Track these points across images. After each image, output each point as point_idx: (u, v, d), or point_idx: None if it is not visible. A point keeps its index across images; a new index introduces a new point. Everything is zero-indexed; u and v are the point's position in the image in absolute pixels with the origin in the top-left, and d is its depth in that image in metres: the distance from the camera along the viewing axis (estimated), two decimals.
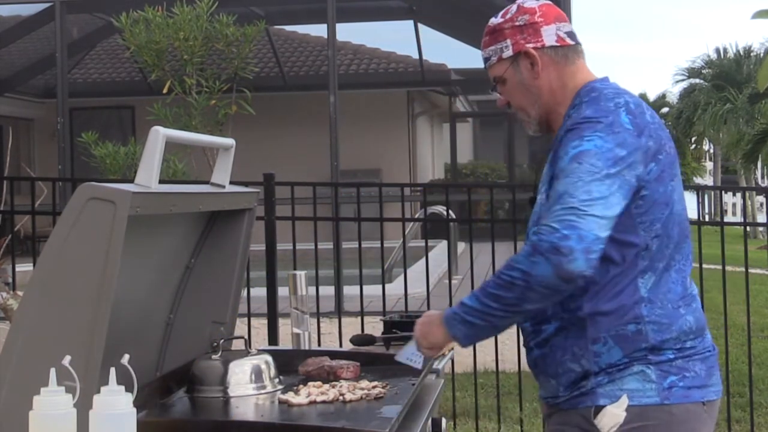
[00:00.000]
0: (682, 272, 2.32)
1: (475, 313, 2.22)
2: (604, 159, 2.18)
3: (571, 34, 2.43)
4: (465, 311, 2.25)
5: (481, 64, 2.50)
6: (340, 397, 2.42)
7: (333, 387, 2.49)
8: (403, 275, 6.19)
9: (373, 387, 2.50)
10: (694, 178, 44.78)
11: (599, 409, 2.24)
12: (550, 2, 2.46)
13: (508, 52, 2.40)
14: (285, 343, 4.55)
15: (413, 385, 2.54)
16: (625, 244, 2.24)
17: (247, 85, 7.82)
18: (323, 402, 2.40)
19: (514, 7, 2.43)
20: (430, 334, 2.36)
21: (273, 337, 5.32)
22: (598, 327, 2.25)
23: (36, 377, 1.83)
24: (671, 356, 2.26)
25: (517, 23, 2.40)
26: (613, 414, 2.22)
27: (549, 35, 2.39)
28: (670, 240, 2.28)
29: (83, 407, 1.77)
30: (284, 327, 4.45)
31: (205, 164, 7.06)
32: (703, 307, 5.92)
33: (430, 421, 2.64)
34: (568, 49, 2.41)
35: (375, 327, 3.50)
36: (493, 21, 2.45)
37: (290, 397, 2.43)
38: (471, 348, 5.90)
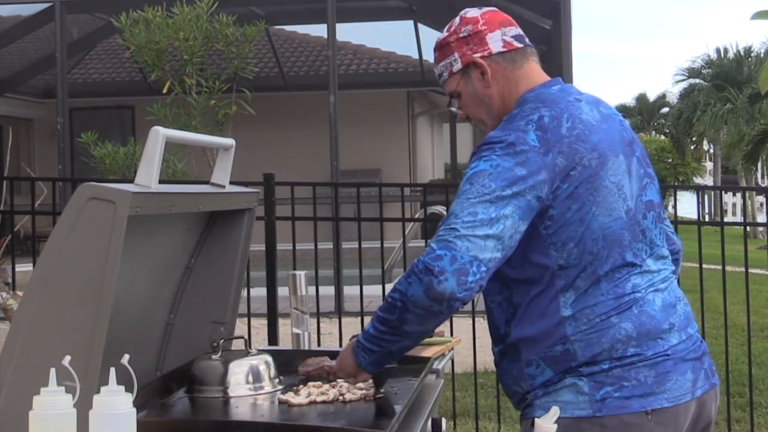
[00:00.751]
0: (615, 281, 2.22)
1: (372, 339, 2.25)
2: (498, 179, 2.13)
3: (519, 37, 2.39)
4: (365, 338, 2.27)
5: None
6: (340, 397, 2.42)
7: (333, 387, 2.49)
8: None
9: (371, 387, 2.49)
10: (694, 178, 44.78)
11: (533, 421, 2.22)
12: (494, 9, 2.43)
13: (458, 65, 2.37)
14: (285, 343, 4.55)
15: (413, 384, 2.54)
16: (538, 265, 2.20)
17: (247, 85, 7.82)
18: (323, 402, 2.40)
19: (457, 19, 2.40)
20: (345, 365, 2.38)
21: (273, 337, 5.32)
22: (529, 351, 2.23)
23: (36, 377, 1.83)
24: (605, 366, 2.19)
25: (461, 35, 2.36)
26: (543, 427, 2.19)
27: (495, 42, 2.35)
28: (592, 256, 2.20)
29: (83, 407, 1.77)
30: (284, 327, 4.45)
31: (205, 164, 7.06)
32: (702, 307, 5.92)
33: (430, 421, 2.64)
34: (516, 53, 2.37)
35: None
36: (440, 36, 2.42)
37: (290, 397, 2.43)
38: (471, 348, 5.92)
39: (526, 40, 2.41)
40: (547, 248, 2.20)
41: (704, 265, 5.71)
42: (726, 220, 20.98)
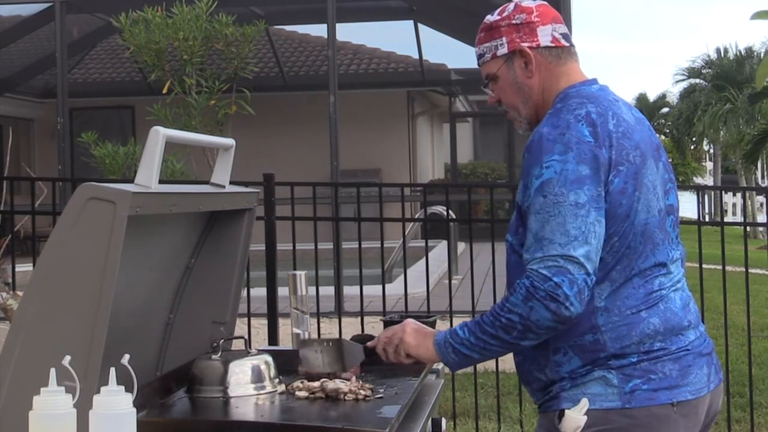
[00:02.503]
0: (645, 276, 2.28)
1: (472, 347, 2.27)
2: (569, 185, 2.18)
3: (566, 36, 2.44)
4: (459, 342, 2.29)
5: None
6: (340, 397, 2.42)
7: (333, 387, 2.49)
8: (403, 275, 6.19)
9: (361, 387, 2.48)
10: (694, 178, 44.77)
11: (562, 412, 2.26)
12: (546, 3, 2.47)
13: (503, 50, 2.40)
14: (285, 343, 4.55)
15: (413, 384, 2.54)
16: None
17: (247, 85, 7.82)
18: (323, 402, 2.40)
19: (511, 6, 2.43)
20: (422, 348, 2.39)
21: (273, 337, 5.32)
22: (557, 338, 2.26)
23: (36, 377, 1.83)
24: (634, 360, 2.24)
25: (514, 21, 2.40)
26: (573, 418, 2.23)
27: (545, 35, 2.40)
28: (630, 250, 2.26)
29: (83, 407, 1.77)
30: (284, 327, 4.45)
31: (205, 164, 7.06)
32: (702, 307, 5.92)
33: (430, 421, 2.64)
34: (562, 51, 2.41)
35: (375, 327, 3.49)
36: (489, 18, 2.44)
37: (290, 396, 2.43)
38: None
39: (571, 39, 2.45)
40: None
41: (704, 265, 5.70)
42: (726, 220, 20.97)
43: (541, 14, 2.41)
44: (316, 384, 2.52)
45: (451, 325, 5.47)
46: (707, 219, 17.79)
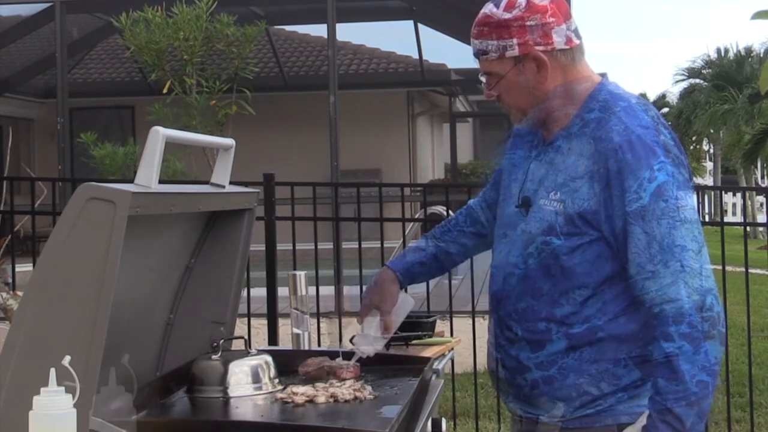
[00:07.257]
0: None
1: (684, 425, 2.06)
2: (682, 188, 2.12)
3: (577, 32, 2.26)
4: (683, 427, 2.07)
5: None
6: (339, 397, 2.42)
7: (332, 387, 2.49)
8: None
9: (362, 387, 2.47)
10: (694, 178, 44.74)
11: (622, 427, 2.13)
12: None
13: (513, 52, 2.19)
14: (285, 343, 4.55)
15: (413, 384, 2.53)
16: None
17: (247, 85, 7.83)
18: (323, 402, 2.40)
19: (523, 3, 2.19)
20: None
21: (273, 337, 5.32)
22: (618, 349, 2.14)
23: (36, 377, 1.83)
24: None
25: (527, 23, 2.18)
26: None
27: (559, 37, 2.20)
28: None
29: (83, 407, 1.77)
30: (284, 327, 4.46)
31: (205, 164, 7.06)
32: None
33: (430, 421, 2.64)
34: (575, 50, 2.24)
35: None
36: (495, 12, 2.20)
37: (289, 396, 2.43)
38: (471, 348, 5.92)
39: (580, 33, 2.29)
40: None
41: None
42: (726, 220, 20.95)
43: (555, 13, 2.19)
44: (317, 384, 2.52)
45: (451, 324, 5.46)
46: (707, 219, 17.79)
